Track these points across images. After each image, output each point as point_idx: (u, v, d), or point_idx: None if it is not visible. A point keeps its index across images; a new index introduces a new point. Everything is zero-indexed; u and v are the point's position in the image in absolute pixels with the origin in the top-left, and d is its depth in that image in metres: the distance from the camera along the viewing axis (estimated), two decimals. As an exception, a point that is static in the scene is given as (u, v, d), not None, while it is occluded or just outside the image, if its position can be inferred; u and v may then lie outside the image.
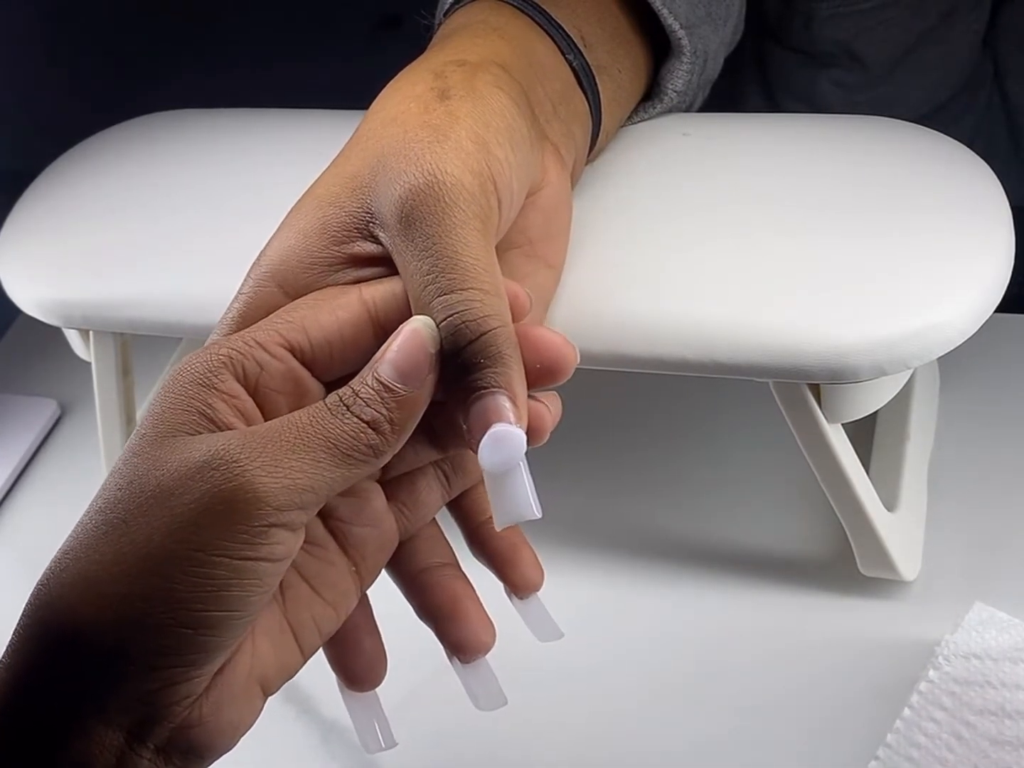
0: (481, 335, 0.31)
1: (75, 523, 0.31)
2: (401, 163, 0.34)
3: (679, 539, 0.52)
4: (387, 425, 0.31)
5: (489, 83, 0.37)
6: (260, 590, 0.29)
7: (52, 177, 0.56)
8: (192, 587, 0.28)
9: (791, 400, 0.42)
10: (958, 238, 0.41)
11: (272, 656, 0.32)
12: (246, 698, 0.31)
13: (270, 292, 0.34)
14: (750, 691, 0.45)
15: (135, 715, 0.29)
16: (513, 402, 0.31)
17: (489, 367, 0.31)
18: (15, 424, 0.64)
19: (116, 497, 0.30)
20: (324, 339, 0.32)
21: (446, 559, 0.37)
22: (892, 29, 0.65)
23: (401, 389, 0.31)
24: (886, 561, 0.46)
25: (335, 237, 0.34)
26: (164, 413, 0.31)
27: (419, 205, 0.33)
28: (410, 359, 0.31)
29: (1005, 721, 0.41)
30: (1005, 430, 0.53)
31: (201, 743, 0.30)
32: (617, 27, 0.46)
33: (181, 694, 0.29)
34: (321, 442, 0.30)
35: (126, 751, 0.29)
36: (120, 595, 0.29)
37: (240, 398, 0.31)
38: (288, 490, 0.29)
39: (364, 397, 0.31)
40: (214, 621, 0.29)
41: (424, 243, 0.32)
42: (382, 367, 0.31)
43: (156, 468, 0.30)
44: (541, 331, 0.33)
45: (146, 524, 0.29)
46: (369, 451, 0.31)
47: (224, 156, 0.54)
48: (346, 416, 0.31)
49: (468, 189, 0.33)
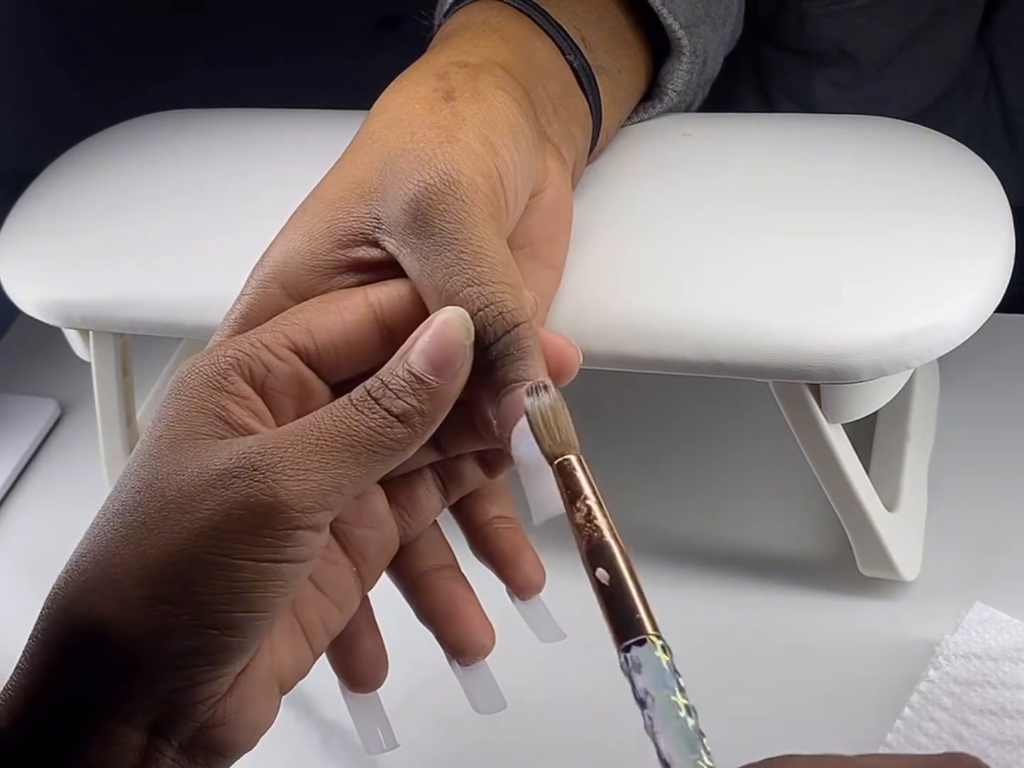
0: (515, 326, 0.31)
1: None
2: (411, 163, 0.34)
3: (678, 539, 0.52)
4: (417, 417, 0.30)
5: (492, 84, 0.37)
6: (285, 591, 0.29)
7: (52, 177, 0.56)
8: (217, 590, 0.28)
9: (791, 400, 0.42)
10: (958, 238, 0.41)
11: (289, 655, 0.32)
12: (267, 696, 0.31)
13: (273, 293, 0.34)
14: (750, 691, 0.45)
15: (158, 714, 0.29)
16: None
17: (520, 360, 0.31)
18: (15, 424, 0.64)
19: (136, 500, 0.30)
20: (330, 341, 0.32)
21: (446, 562, 0.37)
22: (885, 27, 0.65)
23: (433, 381, 0.31)
24: (886, 561, 0.46)
25: (340, 241, 0.34)
26: (179, 416, 0.31)
27: (436, 203, 0.33)
28: (443, 350, 0.31)
29: (1005, 721, 0.41)
30: (1005, 430, 0.53)
31: (225, 741, 0.30)
32: (617, 27, 0.47)
33: (205, 693, 0.29)
34: (345, 441, 0.30)
35: (150, 750, 0.29)
36: (143, 598, 0.29)
37: (251, 399, 0.31)
38: (312, 493, 0.29)
39: (394, 388, 0.30)
40: (239, 622, 0.29)
41: (443, 238, 0.32)
42: (413, 358, 0.31)
43: (176, 473, 0.30)
44: (545, 333, 0.33)
45: (168, 529, 0.29)
46: (396, 445, 0.30)
47: (224, 156, 0.54)
48: (373, 410, 0.30)
49: (482, 190, 0.33)
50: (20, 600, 0.56)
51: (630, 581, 0.29)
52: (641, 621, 0.29)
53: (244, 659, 0.30)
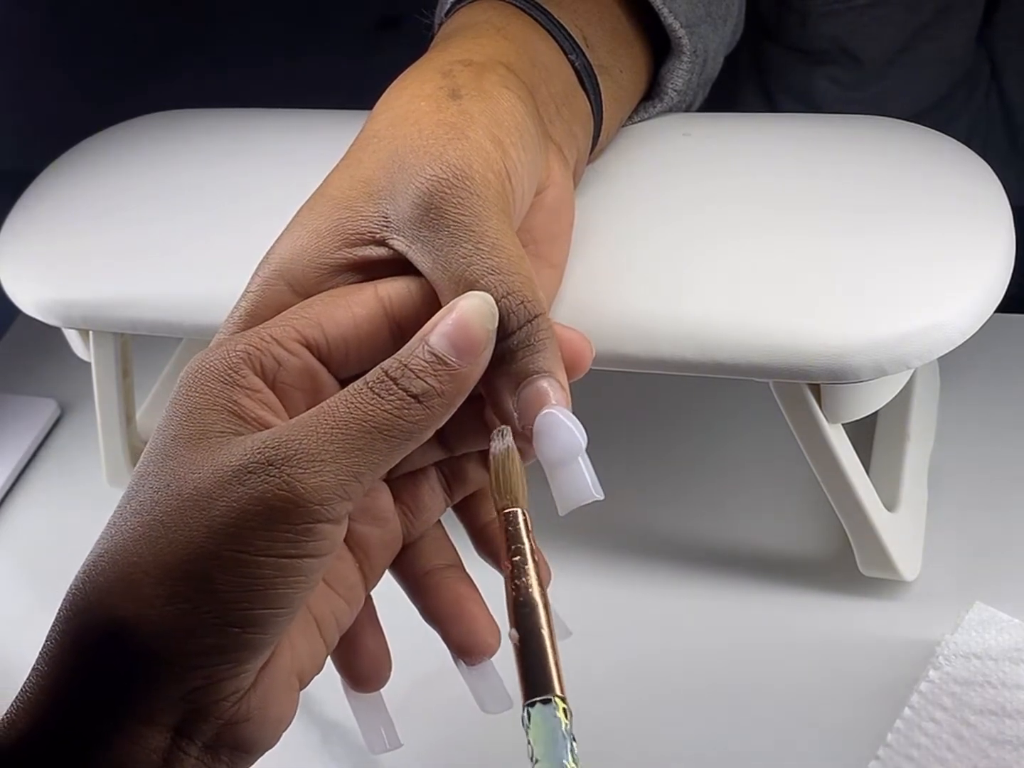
0: (536, 316, 0.31)
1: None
2: (421, 159, 0.34)
3: (678, 539, 0.52)
4: (437, 398, 0.30)
5: (497, 83, 0.37)
6: (305, 586, 0.29)
7: (52, 177, 0.56)
8: (237, 587, 0.28)
9: (791, 400, 0.42)
10: (958, 238, 0.41)
11: (306, 649, 0.32)
12: (288, 691, 0.31)
13: (279, 290, 0.34)
14: (750, 691, 0.45)
15: (181, 714, 0.29)
16: (562, 388, 0.31)
17: (540, 351, 0.31)
18: (15, 424, 0.64)
19: (153, 499, 0.30)
20: (340, 335, 0.32)
21: (451, 561, 0.37)
22: (887, 26, 0.65)
23: (456, 363, 0.30)
24: (886, 561, 0.46)
25: (347, 240, 0.34)
26: (192, 413, 0.30)
27: (450, 196, 0.32)
28: (467, 334, 0.30)
29: (1005, 721, 0.41)
30: (1005, 430, 0.53)
31: (249, 738, 0.30)
32: (618, 27, 0.47)
33: (228, 690, 0.29)
34: (361, 427, 0.29)
35: (173, 750, 0.29)
36: (162, 596, 0.28)
37: (263, 392, 0.31)
38: (330, 485, 0.29)
39: (415, 368, 0.30)
40: (260, 619, 0.29)
41: (459, 229, 0.32)
42: (435, 339, 0.30)
43: (192, 472, 0.29)
44: (560, 328, 0.33)
45: (185, 527, 0.29)
46: (413, 427, 0.30)
47: (224, 156, 0.54)
48: (391, 391, 0.30)
49: (493, 186, 0.33)
50: (20, 600, 0.56)
51: (547, 639, 0.30)
52: (550, 680, 0.29)
53: (265, 655, 0.30)
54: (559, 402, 0.31)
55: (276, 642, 0.30)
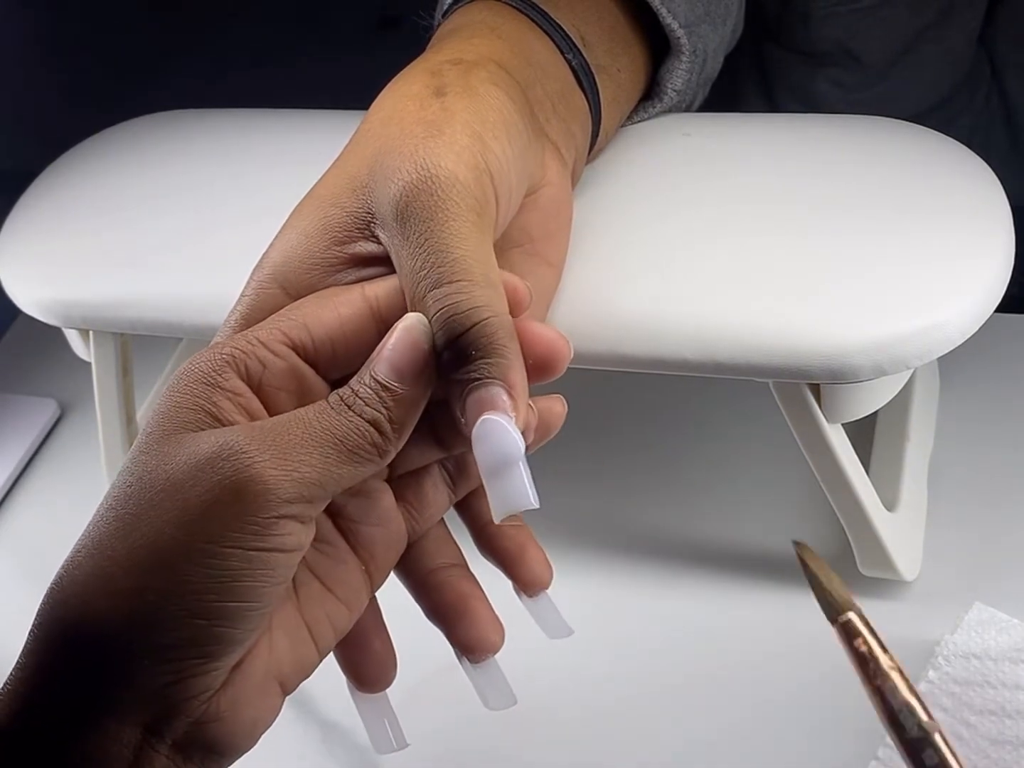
0: (472, 326, 0.31)
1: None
2: (396, 160, 0.34)
3: (678, 539, 0.52)
4: (387, 424, 0.31)
5: (484, 80, 0.37)
6: (273, 581, 0.29)
7: (52, 177, 0.56)
8: (204, 578, 0.29)
9: (791, 400, 0.42)
10: (958, 238, 0.41)
11: (290, 653, 0.32)
12: (264, 695, 0.31)
13: (273, 294, 0.34)
14: (750, 691, 0.45)
15: (151, 710, 0.29)
16: (510, 393, 0.31)
17: (482, 358, 0.31)
18: (15, 424, 0.64)
19: (126, 494, 0.30)
20: (326, 336, 0.32)
21: (454, 560, 0.37)
22: (889, 27, 0.65)
23: (398, 387, 0.31)
24: (886, 561, 0.46)
25: (336, 237, 0.34)
26: (170, 411, 0.31)
27: (413, 201, 0.33)
28: (405, 357, 0.31)
29: (1005, 721, 0.40)
30: (1005, 430, 0.53)
31: (220, 739, 0.30)
32: (616, 26, 0.47)
33: (198, 688, 0.29)
34: (328, 438, 0.30)
35: (144, 747, 0.29)
36: (133, 589, 0.29)
37: (245, 396, 0.31)
38: (296, 483, 0.29)
39: (363, 397, 0.31)
40: (228, 612, 0.29)
41: (418, 239, 0.32)
42: (378, 366, 0.31)
43: (165, 463, 0.30)
44: (533, 325, 0.33)
45: (156, 518, 0.29)
46: (373, 449, 0.31)
47: (224, 156, 0.54)
48: (348, 414, 0.31)
49: (462, 182, 0.33)
50: (20, 600, 0.56)
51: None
52: None
53: (238, 652, 0.30)
54: (502, 408, 0.31)
55: (248, 640, 0.30)
